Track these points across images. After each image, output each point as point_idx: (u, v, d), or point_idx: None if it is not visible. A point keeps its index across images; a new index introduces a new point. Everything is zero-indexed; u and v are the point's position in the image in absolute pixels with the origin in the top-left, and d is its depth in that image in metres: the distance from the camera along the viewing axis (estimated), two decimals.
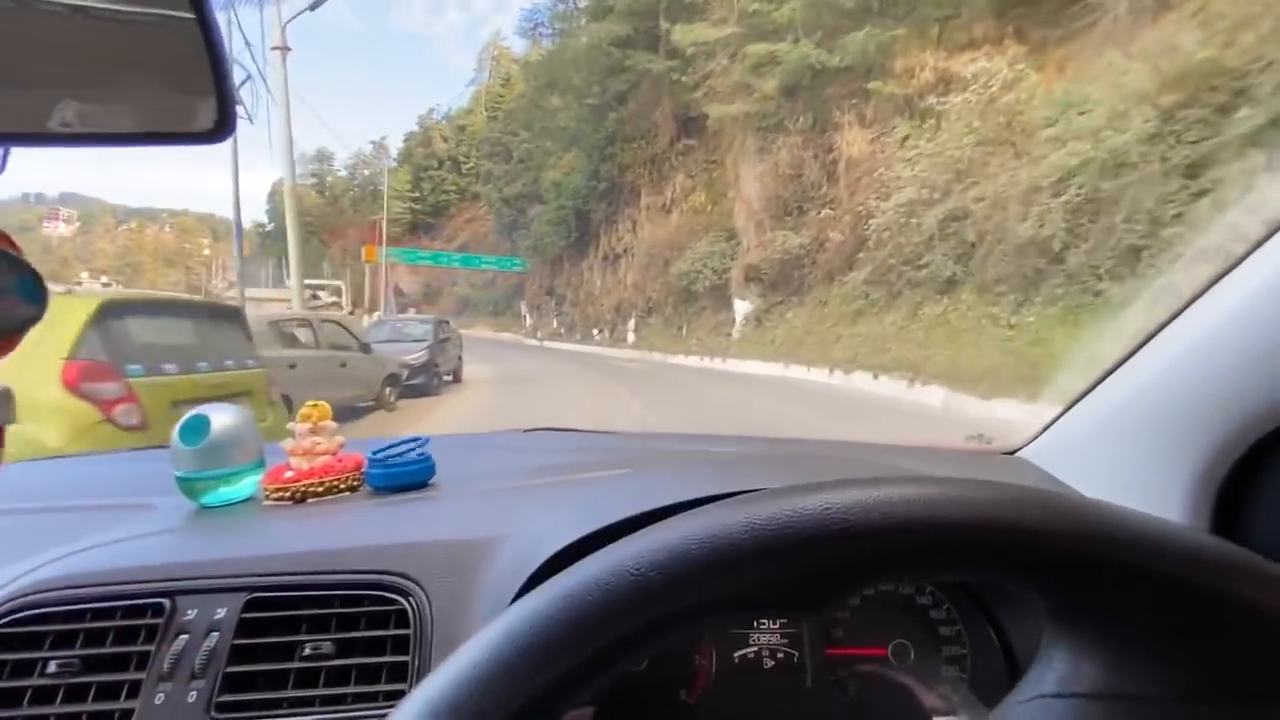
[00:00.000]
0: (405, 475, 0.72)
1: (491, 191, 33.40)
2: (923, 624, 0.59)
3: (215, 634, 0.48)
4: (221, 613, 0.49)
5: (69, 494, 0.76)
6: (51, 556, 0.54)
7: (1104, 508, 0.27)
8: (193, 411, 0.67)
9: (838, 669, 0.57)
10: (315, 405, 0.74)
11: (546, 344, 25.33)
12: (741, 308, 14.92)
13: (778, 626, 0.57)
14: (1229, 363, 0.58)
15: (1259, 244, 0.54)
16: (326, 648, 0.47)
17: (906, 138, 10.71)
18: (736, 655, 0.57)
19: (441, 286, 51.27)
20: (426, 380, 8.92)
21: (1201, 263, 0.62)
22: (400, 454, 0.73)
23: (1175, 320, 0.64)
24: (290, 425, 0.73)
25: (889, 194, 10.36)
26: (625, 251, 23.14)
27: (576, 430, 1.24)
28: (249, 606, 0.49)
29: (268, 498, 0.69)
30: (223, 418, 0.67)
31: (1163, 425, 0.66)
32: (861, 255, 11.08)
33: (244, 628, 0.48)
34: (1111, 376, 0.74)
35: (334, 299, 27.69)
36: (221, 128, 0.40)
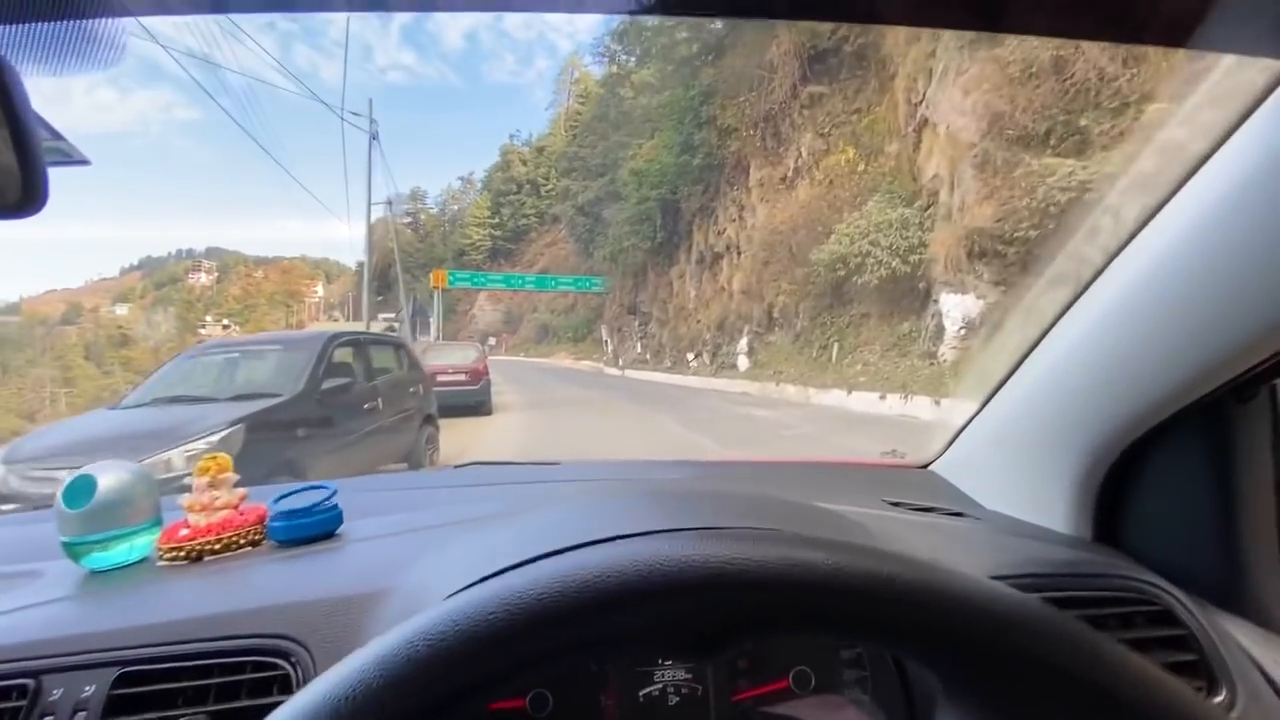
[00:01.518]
0: (308, 527, 0.70)
1: (568, 208, 29.55)
2: (824, 650, 0.59)
3: (82, 714, 0.46)
4: (89, 690, 0.47)
5: None
6: None
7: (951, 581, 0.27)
8: (79, 471, 0.65)
9: (742, 702, 0.56)
10: (214, 457, 0.72)
11: (629, 373, 20.02)
12: (957, 306, 8.48)
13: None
14: (1089, 379, 0.64)
15: (1100, 271, 0.59)
16: None
17: None
18: (641, 694, 0.56)
19: (522, 314, 49.60)
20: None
21: (1059, 286, 0.65)
22: (304, 505, 0.70)
23: (1041, 341, 0.69)
24: (188, 479, 0.71)
25: None
26: (729, 248, 17.32)
27: (511, 463, 1.24)
28: (119, 682, 0.47)
29: (162, 558, 0.66)
30: (111, 477, 0.65)
31: (1041, 439, 0.73)
32: None
33: (113, 705, 0.46)
34: (998, 393, 0.79)
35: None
36: (30, 202, 0.40)
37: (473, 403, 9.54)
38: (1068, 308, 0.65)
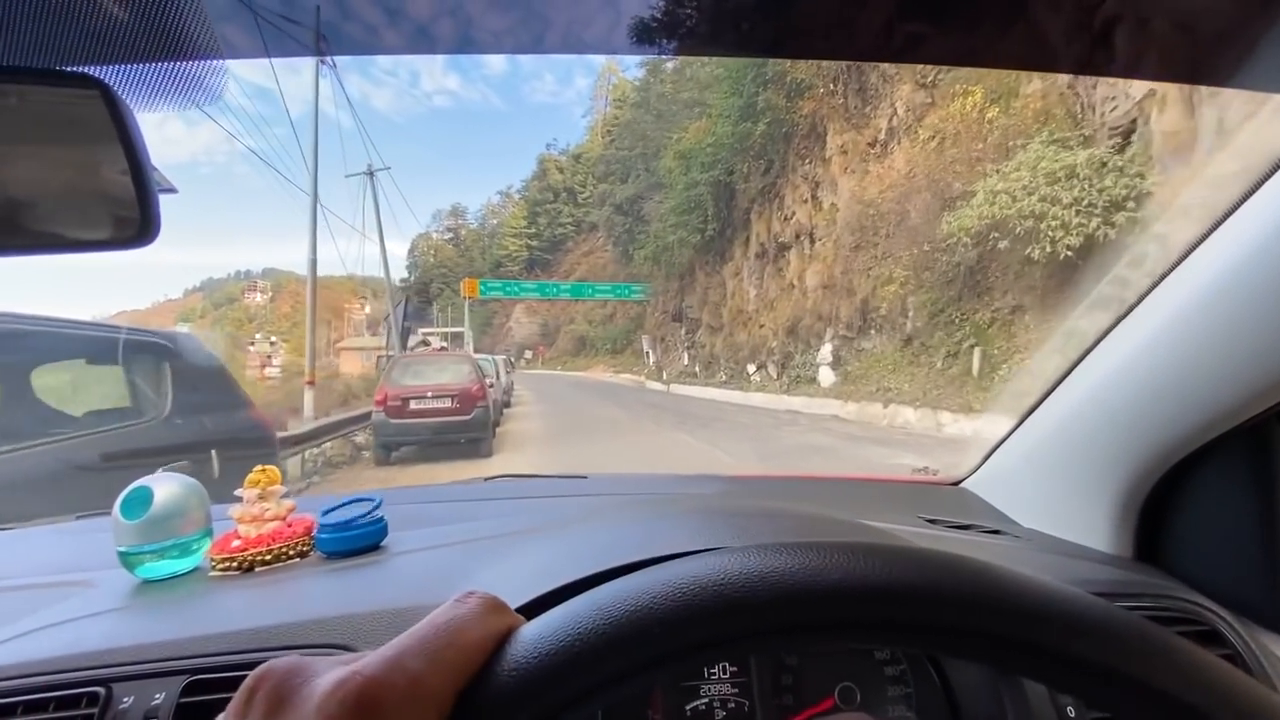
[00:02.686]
0: (356, 539, 0.70)
1: (606, 209, 27.14)
2: (869, 665, 0.59)
3: None
4: (159, 698, 0.47)
5: (6, 570, 0.75)
6: None
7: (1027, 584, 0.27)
8: (135, 483, 0.66)
9: (788, 715, 0.57)
10: (264, 470, 0.73)
11: (675, 388, 17.02)
12: None
13: (728, 676, 0.57)
14: (1135, 400, 0.64)
15: (1145, 295, 0.62)
16: None
17: None
18: (688, 707, 0.56)
19: (559, 325, 47.76)
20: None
21: (1099, 310, 0.68)
22: (351, 517, 0.70)
23: (1083, 361, 0.72)
24: (238, 491, 0.72)
25: None
26: (799, 236, 14.22)
27: (538, 476, 1.24)
28: (188, 690, 0.48)
29: (214, 569, 0.67)
30: (167, 488, 0.66)
31: (1084, 457, 0.73)
32: None
33: (182, 713, 0.47)
34: (1036, 411, 0.80)
35: (442, 344, 26.10)
36: (146, 233, 0.43)
37: (462, 439, 6.82)
38: (1111, 329, 0.67)
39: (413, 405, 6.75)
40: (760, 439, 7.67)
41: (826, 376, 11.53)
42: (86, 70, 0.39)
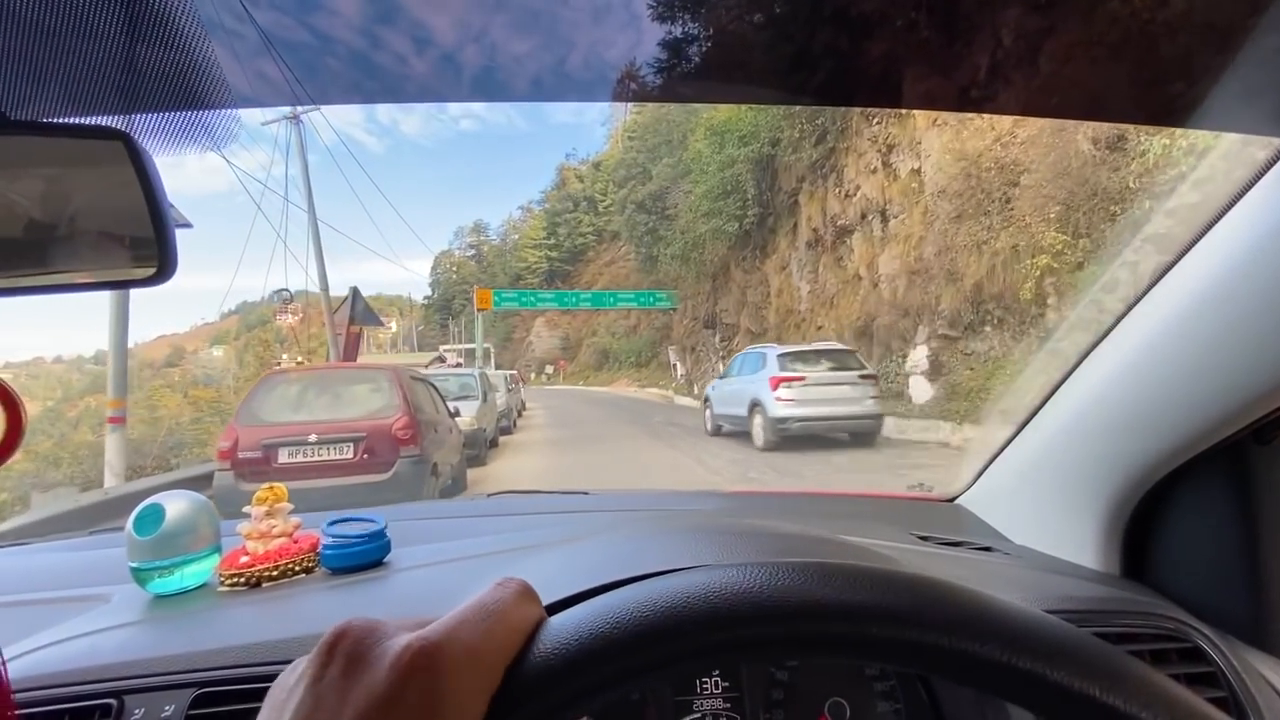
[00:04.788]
0: (360, 555, 0.71)
1: (628, 207, 24.84)
2: (859, 681, 0.58)
3: None
4: (169, 709, 0.48)
5: (25, 585, 0.77)
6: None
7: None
8: (148, 501, 0.68)
9: None
10: (271, 488, 0.75)
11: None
12: None
13: (720, 691, 0.57)
14: (1115, 419, 0.66)
15: (1121, 317, 0.63)
16: None
17: None
18: None
19: (580, 338, 45.90)
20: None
21: (1082, 329, 0.70)
22: (355, 534, 0.71)
23: (1067, 380, 0.72)
24: (246, 509, 0.73)
25: None
26: (865, 215, 11.47)
27: (540, 492, 1.26)
28: (197, 702, 0.49)
29: (223, 584, 0.68)
30: (177, 505, 0.68)
31: (1069, 475, 0.74)
32: None
33: None
34: (1026, 427, 0.81)
35: (459, 360, 25.33)
36: (164, 270, 0.44)
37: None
38: (1091, 350, 0.68)
39: (283, 458, 3.99)
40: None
41: (920, 389, 8.68)
42: (109, 121, 0.42)
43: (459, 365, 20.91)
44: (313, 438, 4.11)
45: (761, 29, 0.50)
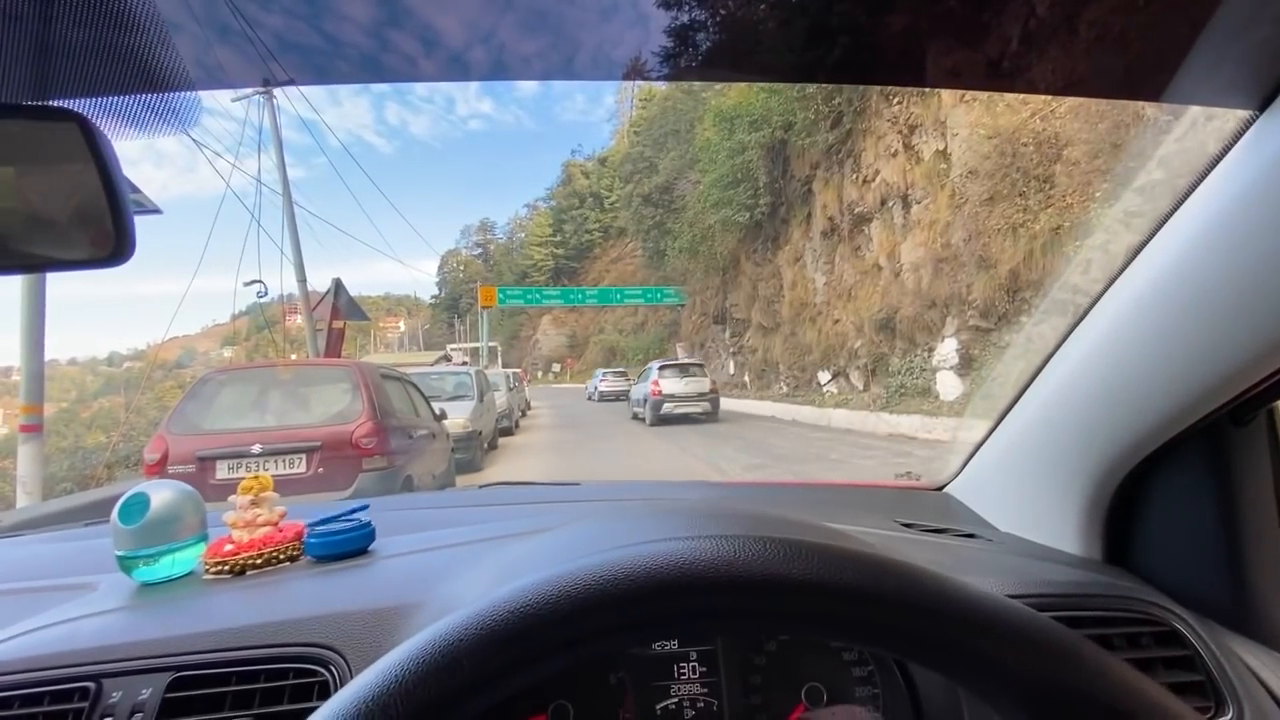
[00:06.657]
0: (343, 543, 0.72)
1: (635, 200, 24.24)
2: (836, 665, 0.59)
3: (139, 715, 0.48)
4: (146, 693, 0.49)
5: (12, 575, 0.78)
6: None
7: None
8: (133, 489, 0.68)
9: (756, 715, 0.57)
10: (256, 477, 0.75)
11: (722, 404, 13.71)
12: None
13: (697, 676, 0.58)
14: (1091, 403, 0.65)
15: (1095, 300, 0.62)
16: None
17: None
18: (658, 707, 0.57)
19: (587, 336, 45.57)
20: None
21: (1057, 314, 0.69)
22: (339, 522, 0.72)
23: (1045, 366, 0.72)
24: (232, 498, 0.74)
25: None
26: (885, 202, 10.89)
27: (533, 484, 1.27)
28: (173, 686, 0.50)
29: (208, 572, 0.69)
30: (162, 494, 0.68)
31: (1049, 461, 0.74)
32: None
33: (168, 708, 0.49)
34: (1009, 414, 0.81)
35: (464, 360, 25.13)
36: (120, 251, 0.45)
37: None
38: (1067, 335, 0.68)
39: (222, 473, 3.36)
40: None
41: (949, 385, 8.03)
42: (63, 103, 0.42)
43: (465, 364, 20.54)
44: (256, 448, 3.47)
45: (776, 3, 0.50)
